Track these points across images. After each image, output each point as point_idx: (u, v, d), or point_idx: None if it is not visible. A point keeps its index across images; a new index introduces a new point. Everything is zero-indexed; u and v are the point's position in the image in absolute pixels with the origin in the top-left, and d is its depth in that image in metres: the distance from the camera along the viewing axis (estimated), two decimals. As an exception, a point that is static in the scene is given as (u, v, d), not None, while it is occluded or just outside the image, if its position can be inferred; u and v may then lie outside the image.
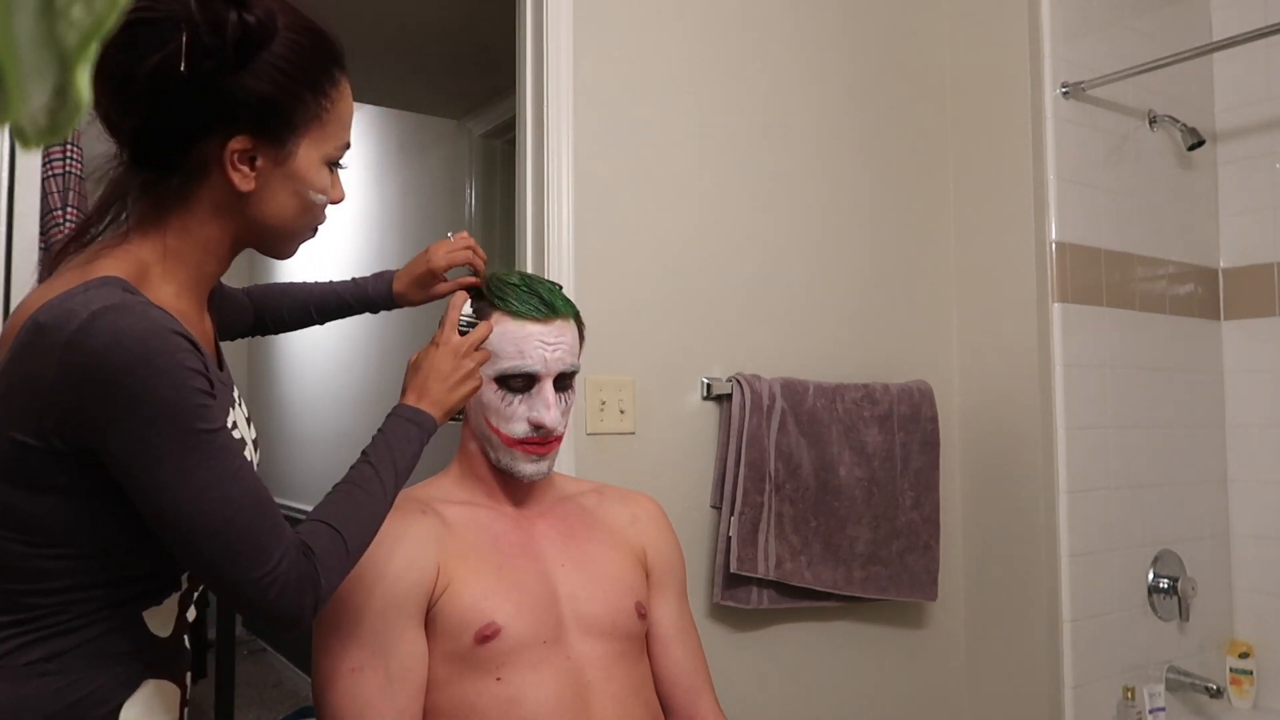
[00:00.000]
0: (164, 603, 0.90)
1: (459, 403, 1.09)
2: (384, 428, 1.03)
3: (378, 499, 0.96)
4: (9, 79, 0.24)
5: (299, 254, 1.00)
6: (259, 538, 0.81)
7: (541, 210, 1.68)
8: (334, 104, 0.89)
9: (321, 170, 0.90)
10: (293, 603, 0.83)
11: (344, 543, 0.90)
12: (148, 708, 0.88)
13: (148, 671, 0.88)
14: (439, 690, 1.08)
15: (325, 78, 0.87)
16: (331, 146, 0.90)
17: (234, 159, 0.84)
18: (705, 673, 1.28)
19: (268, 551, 0.81)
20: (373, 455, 0.99)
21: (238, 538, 0.80)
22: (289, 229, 0.92)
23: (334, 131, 0.90)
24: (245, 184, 0.85)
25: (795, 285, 1.96)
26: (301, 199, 0.90)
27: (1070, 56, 2.06)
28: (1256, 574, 2.26)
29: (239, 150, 0.84)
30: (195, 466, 0.78)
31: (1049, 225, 2.00)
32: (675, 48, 1.84)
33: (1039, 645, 1.98)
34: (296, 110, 0.85)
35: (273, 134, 0.85)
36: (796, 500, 1.81)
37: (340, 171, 0.95)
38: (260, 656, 4.77)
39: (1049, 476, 1.98)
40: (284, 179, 0.88)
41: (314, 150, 0.89)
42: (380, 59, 3.03)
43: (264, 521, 0.82)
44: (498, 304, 1.16)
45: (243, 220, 0.89)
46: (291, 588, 0.83)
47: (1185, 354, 2.25)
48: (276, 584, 0.82)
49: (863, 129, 2.09)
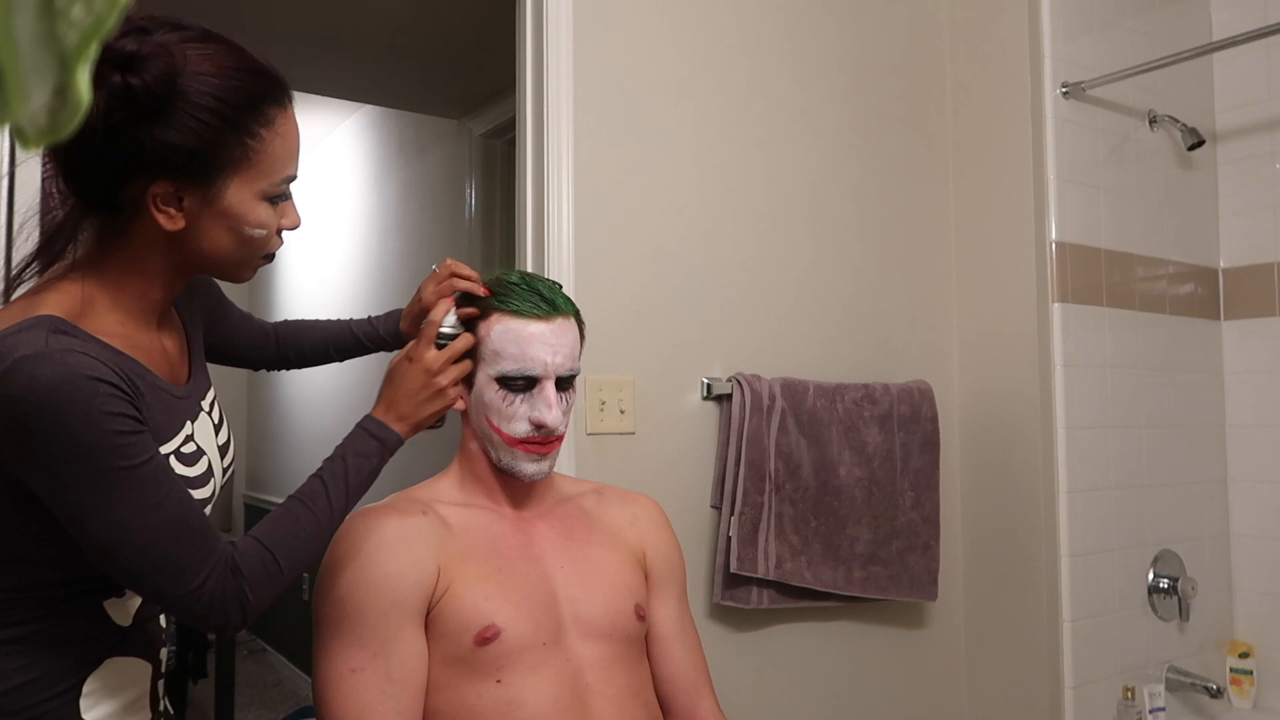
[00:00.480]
0: (126, 594, 0.94)
1: (428, 420, 1.09)
2: (346, 440, 1.04)
3: (321, 516, 0.98)
4: (9, 79, 0.24)
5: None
6: (181, 560, 0.86)
7: (541, 210, 1.68)
8: (265, 143, 0.89)
9: (257, 206, 0.91)
10: (219, 615, 0.89)
11: (276, 562, 0.92)
12: (108, 684, 0.93)
13: (109, 652, 0.93)
14: (439, 692, 1.07)
15: (252, 118, 0.87)
16: (266, 183, 0.90)
17: (157, 201, 0.86)
18: (705, 673, 1.28)
19: (190, 572, 0.86)
20: (325, 471, 1.01)
21: (160, 560, 0.85)
22: (230, 260, 0.94)
23: (267, 169, 0.90)
24: (171, 224, 0.87)
25: (795, 285, 1.96)
26: (237, 234, 0.91)
27: (1070, 56, 2.06)
28: (1256, 574, 2.26)
29: (161, 193, 0.86)
30: (115, 500, 0.82)
31: (1049, 225, 2.00)
32: (675, 47, 1.84)
33: (1039, 645, 1.98)
34: (219, 153, 0.86)
35: (195, 177, 0.86)
36: (796, 500, 1.81)
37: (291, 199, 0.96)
38: (260, 656, 4.77)
39: (1049, 476, 1.98)
40: (215, 217, 0.89)
41: (245, 189, 0.89)
42: (380, 59, 3.03)
43: (186, 546, 0.86)
44: (499, 304, 1.15)
45: (182, 254, 0.92)
46: (216, 604, 0.88)
47: (1185, 354, 2.25)
48: (201, 601, 0.87)
49: (863, 128, 2.09)
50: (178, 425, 0.93)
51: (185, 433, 0.95)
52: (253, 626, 5.01)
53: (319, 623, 1.08)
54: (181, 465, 0.93)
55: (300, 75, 3.21)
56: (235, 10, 2.63)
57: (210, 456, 0.98)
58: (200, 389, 1.02)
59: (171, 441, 0.92)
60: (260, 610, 0.92)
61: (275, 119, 0.89)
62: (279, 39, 2.88)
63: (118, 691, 0.94)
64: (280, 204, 0.94)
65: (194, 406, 0.98)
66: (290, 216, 0.96)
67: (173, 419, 0.93)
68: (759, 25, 1.95)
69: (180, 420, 0.94)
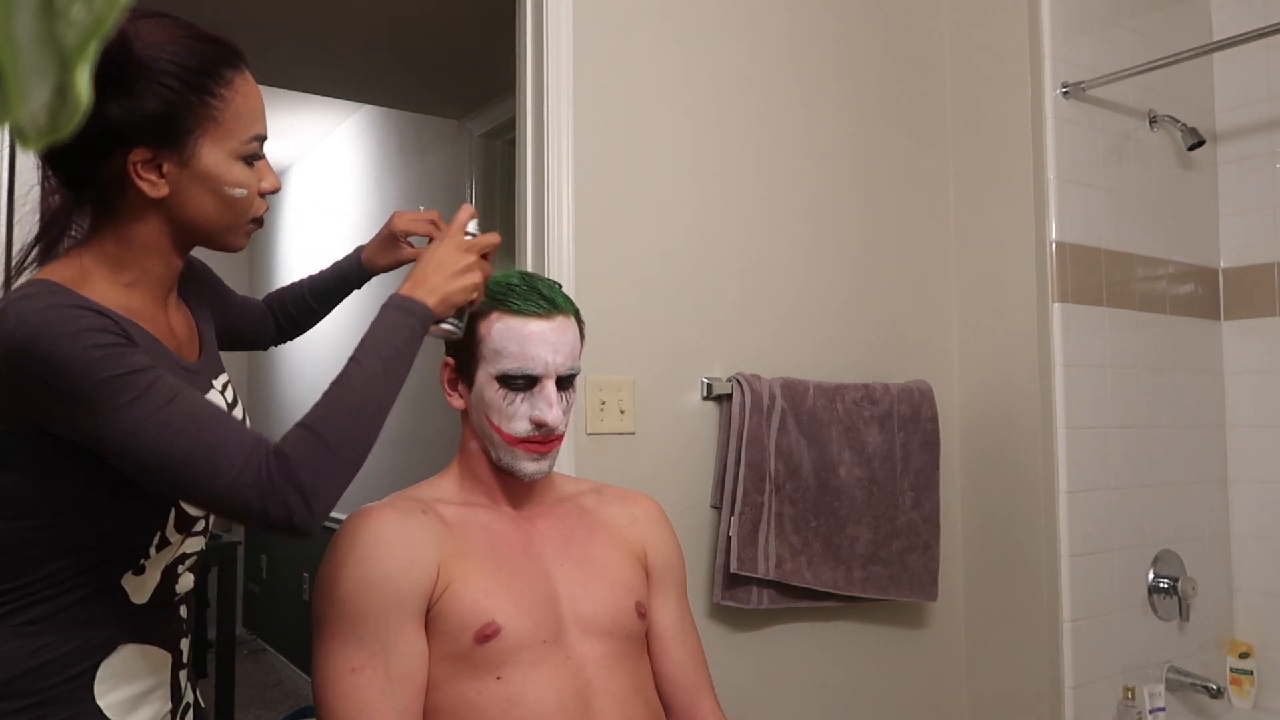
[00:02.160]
0: (145, 570, 0.95)
1: (458, 294, 1.05)
2: (371, 323, 1.01)
3: (359, 388, 0.94)
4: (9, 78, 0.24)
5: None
6: (211, 451, 0.85)
7: (541, 210, 1.68)
8: (227, 102, 0.92)
9: (233, 165, 0.94)
10: (277, 505, 0.86)
11: (319, 436, 0.89)
12: (125, 670, 0.94)
13: (125, 637, 0.94)
14: (439, 690, 1.08)
15: (210, 79, 0.91)
16: (237, 141, 0.93)
17: (138, 169, 0.89)
18: (705, 673, 1.28)
19: (226, 460, 0.85)
20: (357, 350, 0.98)
21: (189, 457, 0.84)
22: (219, 224, 0.96)
23: (234, 128, 0.93)
24: (156, 191, 0.91)
25: (795, 285, 1.96)
26: (219, 195, 0.94)
27: (1070, 56, 2.06)
28: (1256, 574, 2.26)
29: (140, 161, 0.89)
30: (124, 406, 0.83)
31: (1049, 225, 2.00)
32: (675, 47, 1.84)
33: (1039, 645, 1.98)
34: (185, 115, 0.89)
35: (168, 141, 0.89)
36: (797, 500, 1.81)
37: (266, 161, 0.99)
38: (260, 656, 4.77)
39: (1049, 476, 1.98)
40: (194, 180, 0.92)
41: (218, 149, 0.92)
42: (380, 59, 3.03)
43: (213, 435, 0.85)
44: (499, 304, 1.15)
45: (171, 221, 0.94)
46: (267, 489, 0.85)
47: (1185, 354, 2.25)
48: (247, 488, 0.85)
49: (863, 129, 2.09)
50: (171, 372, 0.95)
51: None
52: (252, 627, 5.02)
53: (319, 622, 1.08)
54: None
55: (300, 75, 3.21)
56: (235, 10, 2.63)
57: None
58: (211, 369, 1.04)
59: None
60: (324, 496, 0.88)
61: (233, 80, 0.93)
62: (279, 39, 2.88)
63: (134, 678, 0.95)
64: (256, 164, 0.96)
65: (204, 382, 1.00)
66: (269, 179, 0.99)
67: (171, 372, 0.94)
68: (759, 26, 1.95)
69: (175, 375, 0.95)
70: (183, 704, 1.05)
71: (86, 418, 0.83)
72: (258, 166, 0.97)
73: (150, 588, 0.97)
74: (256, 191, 0.97)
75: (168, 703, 1.00)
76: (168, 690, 1.00)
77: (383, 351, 0.97)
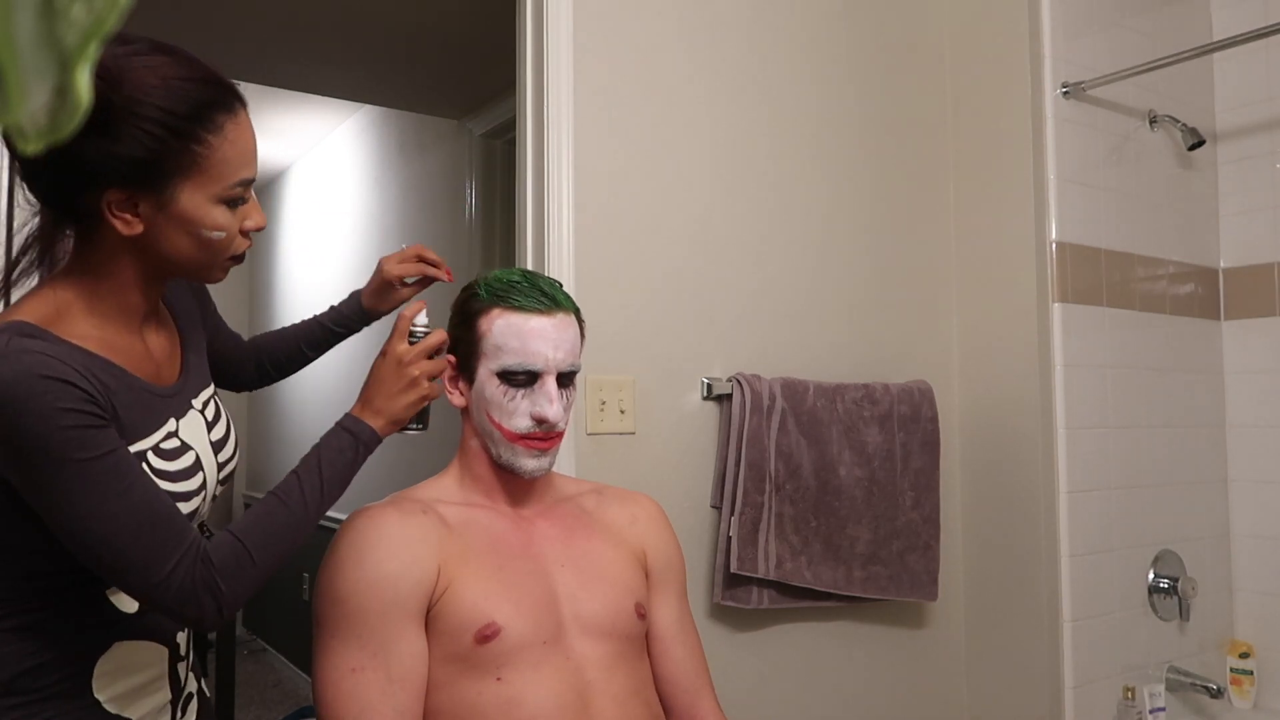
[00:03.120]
0: None
1: (404, 411, 1.08)
2: (323, 437, 1.05)
3: (295, 510, 0.98)
4: (9, 79, 0.24)
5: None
6: (148, 550, 0.88)
7: (541, 210, 1.68)
8: (213, 149, 0.91)
9: (212, 209, 0.93)
10: (192, 607, 0.90)
11: (247, 553, 0.93)
12: (122, 665, 0.97)
13: (117, 636, 0.97)
14: (439, 691, 1.08)
15: (198, 125, 0.89)
16: (218, 187, 0.92)
17: (111, 208, 0.89)
18: (705, 673, 1.28)
19: (158, 562, 0.88)
20: (300, 467, 1.02)
21: (127, 550, 0.87)
22: (196, 263, 0.97)
23: (217, 174, 0.92)
24: (129, 230, 0.90)
25: (796, 285, 1.96)
26: (195, 237, 0.94)
27: (1070, 56, 2.06)
28: (1256, 574, 2.26)
29: (115, 200, 0.89)
30: (76, 492, 0.85)
31: (1049, 225, 2.00)
32: (675, 48, 1.84)
33: (1039, 645, 1.98)
34: (166, 160, 0.88)
35: (145, 185, 0.89)
36: (797, 500, 1.81)
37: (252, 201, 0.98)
38: (260, 656, 4.77)
39: (1049, 476, 1.98)
40: (171, 221, 0.92)
41: (198, 193, 0.91)
42: (380, 59, 3.03)
43: (152, 536, 0.88)
44: (500, 300, 1.16)
45: (147, 258, 0.95)
46: (187, 593, 0.89)
47: (1185, 354, 2.24)
48: (170, 590, 0.89)
49: (863, 128, 2.09)
50: (158, 422, 0.96)
51: (168, 429, 0.98)
52: (252, 627, 5.01)
53: (319, 622, 1.08)
54: (160, 460, 0.95)
55: (300, 75, 3.21)
56: (236, 10, 2.63)
57: (199, 452, 1.01)
58: (193, 387, 1.05)
59: (150, 438, 0.95)
60: (236, 604, 0.93)
61: (224, 125, 0.91)
62: (280, 39, 2.88)
63: (131, 673, 0.98)
64: (239, 207, 0.96)
65: (182, 404, 1.02)
66: (254, 218, 0.99)
67: (153, 416, 0.96)
68: (759, 27, 1.95)
69: (162, 417, 0.97)
70: (184, 694, 1.07)
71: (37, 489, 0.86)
72: (241, 208, 0.97)
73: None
74: (237, 231, 0.97)
75: (167, 694, 1.03)
76: (166, 682, 1.03)
77: (325, 475, 1.01)
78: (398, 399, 1.07)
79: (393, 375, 1.08)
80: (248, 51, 2.96)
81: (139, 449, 0.93)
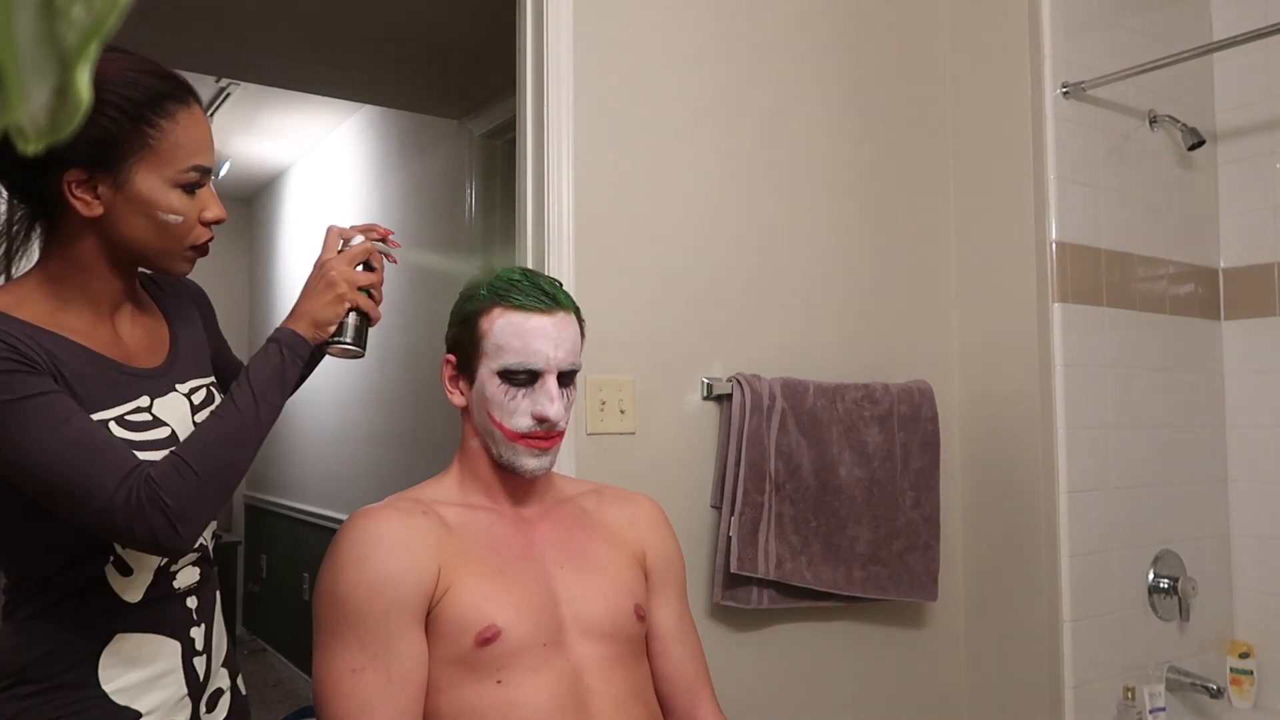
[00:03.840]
0: (133, 572, 1.01)
1: (323, 310, 1.10)
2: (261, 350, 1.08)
3: (230, 418, 1.01)
4: (9, 79, 0.24)
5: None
6: (88, 478, 0.91)
7: (541, 210, 1.68)
8: (165, 133, 0.96)
9: (169, 193, 0.98)
10: (143, 526, 0.92)
11: (188, 465, 0.95)
12: (128, 657, 1.00)
13: (121, 628, 1.00)
14: (439, 693, 1.08)
15: (150, 110, 0.96)
16: (172, 170, 0.97)
17: (72, 189, 0.95)
18: (705, 674, 1.28)
19: (100, 487, 0.91)
20: (236, 381, 1.04)
21: (70, 478, 0.90)
22: (155, 248, 1.01)
23: (171, 157, 0.97)
24: (89, 210, 0.96)
25: (795, 285, 1.96)
26: (153, 220, 0.98)
27: (1070, 56, 2.06)
28: (1256, 574, 2.26)
29: (75, 181, 0.94)
30: (14, 429, 0.89)
31: (1049, 225, 2.00)
32: (675, 49, 1.84)
33: (1039, 645, 1.98)
34: (121, 142, 0.94)
35: (103, 164, 0.94)
36: (797, 500, 1.81)
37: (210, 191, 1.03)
38: (260, 656, 4.77)
39: (1049, 476, 1.98)
40: (128, 203, 0.97)
41: (153, 176, 0.97)
42: (380, 59, 3.03)
43: (93, 461, 0.91)
44: (501, 300, 1.16)
45: (108, 242, 0.99)
46: (135, 513, 0.92)
47: (1185, 354, 2.24)
48: (118, 510, 0.91)
49: (863, 129, 2.09)
50: (125, 396, 1.00)
51: (137, 404, 1.01)
52: (252, 627, 5.01)
53: (319, 623, 1.08)
54: (125, 430, 0.98)
55: (300, 75, 3.21)
56: (236, 10, 2.63)
57: (176, 428, 1.04)
58: (179, 374, 1.09)
59: (113, 409, 0.98)
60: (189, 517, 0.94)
61: (176, 113, 0.97)
62: (280, 39, 2.88)
63: (138, 665, 1.00)
64: (197, 193, 1.01)
65: (162, 386, 1.05)
66: (213, 209, 1.02)
67: (117, 390, 1.00)
68: (758, 27, 1.95)
69: (131, 393, 1.01)
70: (208, 690, 1.09)
71: None
72: (200, 195, 1.01)
73: (142, 586, 1.02)
74: (196, 219, 1.01)
75: (182, 688, 1.05)
76: (180, 676, 1.04)
77: (255, 382, 1.03)
78: (316, 299, 1.10)
79: (314, 278, 1.11)
80: (248, 51, 2.96)
81: (100, 417, 0.96)
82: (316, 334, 1.09)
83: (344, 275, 1.11)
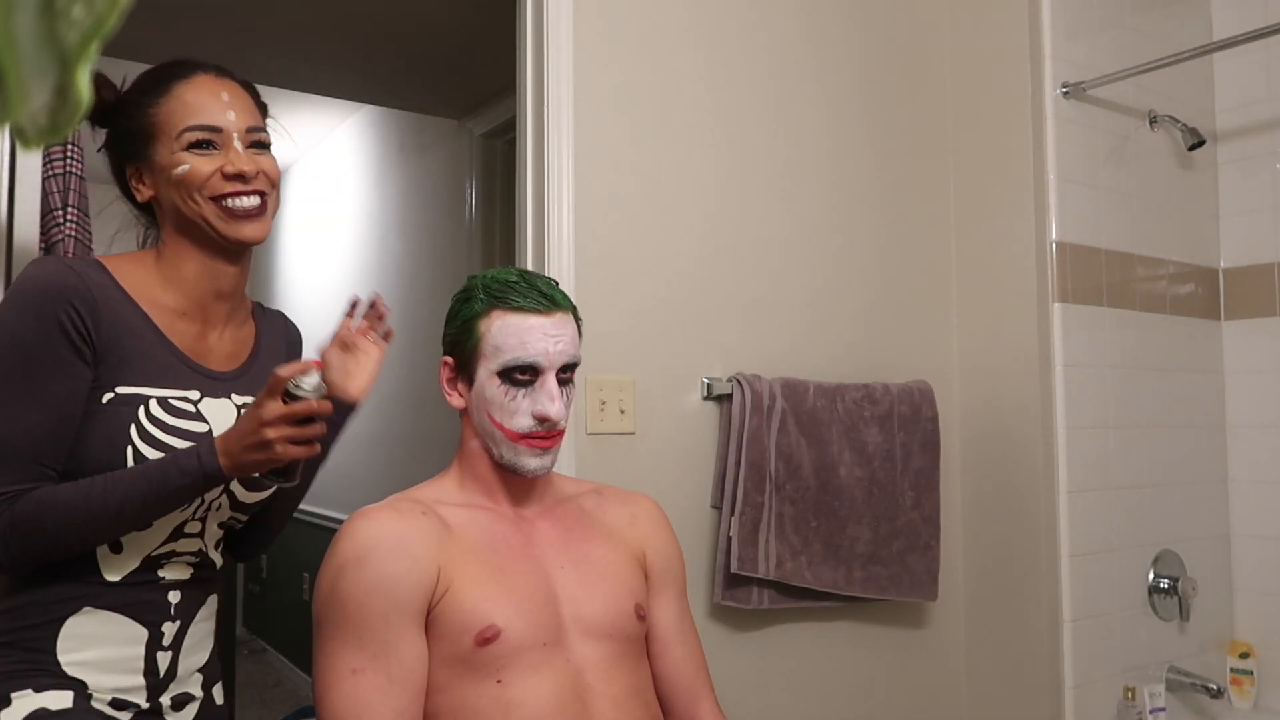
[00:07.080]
0: (123, 550, 1.06)
1: (250, 468, 1.03)
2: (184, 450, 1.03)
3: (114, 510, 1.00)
4: (10, 79, 0.24)
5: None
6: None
7: (541, 210, 1.68)
8: (163, 106, 1.10)
9: (176, 154, 1.09)
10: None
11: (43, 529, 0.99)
12: (87, 633, 1.03)
13: (90, 600, 1.03)
14: (440, 693, 1.07)
15: (155, 94, 1.10)
16: (174, 134, 1.09)
17: (132, 181, 1.13)
18: (705, 674, 1.28)
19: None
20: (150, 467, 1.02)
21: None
22: (187, 209, 1.09)
23: (172, 123, 1.09)
24: (143, 196, 1.13)
25: (795, 285, 1.96)
26: (171, 181, 1.09)
27: (1070, 56, 2.06)
28: (1256, 574, 2.26)
29: (132, 174, 1.13)
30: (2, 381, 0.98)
31: (1049, 225, 2.00)
32: (675, 47, 1.84)
33: (1039, 645, 1.98)
34: (140, 129, 1.10)
35: (136, 154, 1.11)
36: (797, 500, 1.81)
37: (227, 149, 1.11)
38: (260, 656, 4.77)
39: (1049, 476, 1.98)
40: (157, 175, 1.11)
41: (163, 145, 1.09)
42: (380, 59, 3.02)
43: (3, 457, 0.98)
44: (498, 302, 1.16)
45: (171, 220, 1.12)
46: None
47: (1185, 354, 2.24)
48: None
49: (863, 129, 2.09)
50: (176, 382, 1.08)
51: (187, 395, 1.08)
52: (253, 627, 5.02)
53: (319, 623, 1.08)
54: (163, 411, 1.05)
55: (300, 75, 3.21)
56: (236, 10, 2.63)
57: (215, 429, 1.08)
58: (240, 387, 1.15)
59: (156, 389, 1.06)
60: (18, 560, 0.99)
61: (174, 87, 1.10)
62: (280, 39, 2.88)
63: (96, 644, 1.03)
64: (214, 152, 1.09)
65: (220, 389, 1.13)
66: (233, 161, 1.09)
67: (173, 376, 1.08)
68: (758, 27, 1.95)
69: (186, 383, 1.09)
70: (174, 690, 1.10)
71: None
72: (217, 155, 1.10)
73: (126, 570, 1.05)
74: (208, 172, 1.08)
75: (139, 678, 1.06)
76: (141, 666, 1.06)
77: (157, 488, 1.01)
78: (245, 455, 1.01)
79: (249, 430, 1.01)
80: (249, 52, 2.96)
81: (143, 392, 1.04)
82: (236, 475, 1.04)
83: (282, 437, 1.01)
